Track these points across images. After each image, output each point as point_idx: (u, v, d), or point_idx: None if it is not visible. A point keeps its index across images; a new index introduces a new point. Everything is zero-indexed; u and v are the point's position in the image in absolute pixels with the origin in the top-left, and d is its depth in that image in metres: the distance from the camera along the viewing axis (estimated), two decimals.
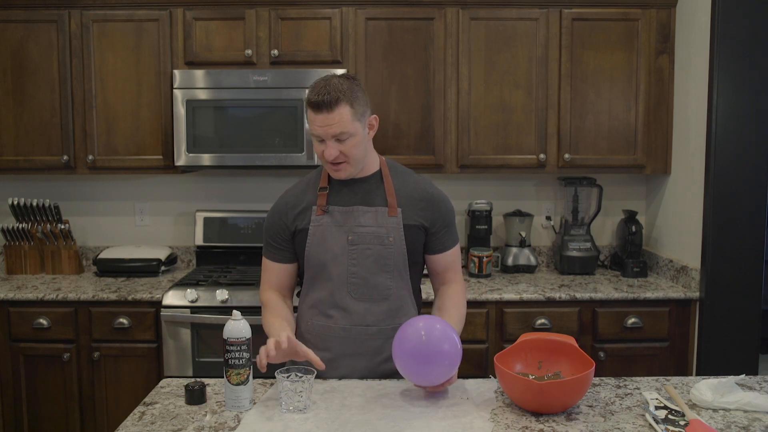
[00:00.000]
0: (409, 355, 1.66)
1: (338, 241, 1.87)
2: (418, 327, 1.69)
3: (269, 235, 1.96)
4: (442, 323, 1.72)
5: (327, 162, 1.84)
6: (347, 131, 1.78)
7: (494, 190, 3.56)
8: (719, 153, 2.85)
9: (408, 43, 3.15)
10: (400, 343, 1.69)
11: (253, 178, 3.56)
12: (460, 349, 1.70)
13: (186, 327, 2.90)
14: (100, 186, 3.57)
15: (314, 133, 1.80)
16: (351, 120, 1.78)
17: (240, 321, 1.67)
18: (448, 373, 1.67)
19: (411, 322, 1.73)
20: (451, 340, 1.68)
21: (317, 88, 1.78)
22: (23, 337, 2.95)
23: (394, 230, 1.88)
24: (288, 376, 1.65)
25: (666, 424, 1.55)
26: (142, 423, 1.59)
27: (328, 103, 1.75)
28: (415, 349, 1.65)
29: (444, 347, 1.66)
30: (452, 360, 1.67)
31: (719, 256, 2.86)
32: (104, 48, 3.16)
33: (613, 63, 3.18)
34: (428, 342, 1.65)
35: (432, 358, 1.64)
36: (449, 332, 1.70)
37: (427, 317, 1.75)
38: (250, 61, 3.14)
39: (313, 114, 1.78)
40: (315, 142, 1.84)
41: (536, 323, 2.94)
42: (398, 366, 1.70)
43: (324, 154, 1.81)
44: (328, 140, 1.79)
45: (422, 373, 1.67)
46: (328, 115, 1.76)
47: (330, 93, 1.75)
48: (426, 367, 1.65)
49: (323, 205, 1.89)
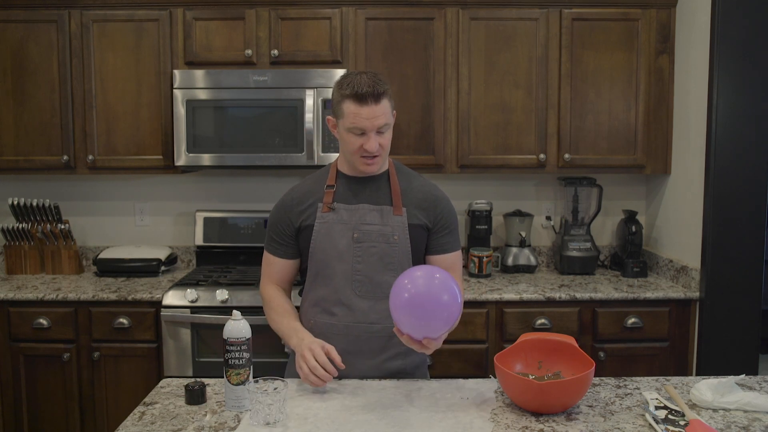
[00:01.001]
0: (407, 304, 1.60)
1: (343, 238, 1.88)
2: (415, 275, 1.64)
3: (273, 229, 1.96)
4: (441, 272, 1.66)
5: (363, 157, 1.83)
6: (389, 123, 1.83)
7: (494, 190, 3.56)
8: (719, 153, 2.85)
9: (408, 43, 3.15)
10: (398, 291, 1.63)
11: (253, 178, 3.56)
12: (461, 303, 1.64)
13: (186, 327, 2.90)
14: (100, 186, 3.57)
15: (358, 126, 1.79)
16: (390, 112, 1.83)
17: (240, 321, 1.67)
18: (444, 325, 1.62)
19: (409, 271, 1.68)
20: (451, 291, 1.62)
21: (359, 82, 1.78)
22: (23, 337, 2.95)
23: (399, 229, 1.88)
24: (259, 387, 1.59)
25: (666, 424, 1.55)
26: (142, 423, 1.59)
27: (375, 95, 1.77)
28: (413, 298, 1.60)
29: (443, 298, 1.60)
30: (451, 312, 1.62)
31: (719, 256, 2.86)
32: (104, 48, 3.16)
33: (613, 63, 3.18)
34: (428, 291, 1.60)
35: (430, 308, 1.59)
36: (449, 283, 1.64)
37: (426, 266, 1.70)
38: (250, 61, 3.15)
39: (356, 107, 1.78)
40: (350, 137, 1.82)
41: (536, 323, 2.94)
42: (394, 315, 1.64)
43: (366, 146, 1.81)
44: (370, 132, 1.80)
45: (419, 323, 1.61)
46: (375, 107, 1.78)
47: (376, 85, 1.78)
48: (423, 316, 1.60)
49: (329, 203, 1.90)
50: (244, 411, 1.64)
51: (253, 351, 1.70)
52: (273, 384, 1.60)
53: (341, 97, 1.81)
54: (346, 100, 1.79)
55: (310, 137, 3.05)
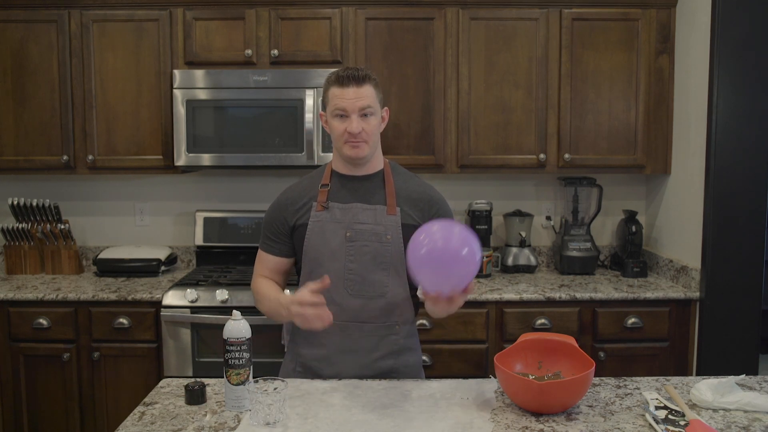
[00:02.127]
0: (426, 258, 1.58)
1: (336, 237, 1.88)
2: (432, 230, 1.62)
3: (267, 228, 1.98)
4: (460, 226, 1.64)
5: (347, 140, 1.84)
6: (373, 106, 1.85)
7: (494, 190, 3.56)
8: (719, 153, 2.85)
9: (408, 43, 3.15)
10: (415, 246, 1.60)
11: (253, 178, 3.56)
12: (479, 257, 1.60)
13: (186, 327, 2.90)
14: (100, 186, 3.57)
15: (339, 107, 1.82)
16: (375, 98, 1.86)
17: (240, 321, 1.67)
18: (467, 275, 1.60)
19: (425, 226, 1.65)
20: (470, 243, 1.59)
21: (343, 69, 1.85)
22: (23, 337, 2.95)
23: (393, 229, 1.88)
24: (259, 387, 1.59)
25: (666, 424, 1.55)
26: (142, 423, 1.59)
27: (357, 78, 1.82)
28: (433, 252, 1.57)
29: (463, 252, 1.57)
30: (470, 262, 1.58)
31: (719, 256, 2.86)
32: (104, 48, 3.16)
33: (613, 63, 3.18)
34: (445, 246, 1.57)
35: (451, 261, 1.57)
36: (467, 236, 1.61)
37: (443, 221, 1.69)
38: (250, 61, 3.15)
39: (339, 89, 1.82)
40: (335, 122, 1.85)
41: (536, 323, 2.94)
42: (413, 272, 1.62)
43: (348, 128, 1.82)
44: (353, 114, 1.82)
45: (439, 279, 1.59)
46: (356, 89, 1.82)
47: (358, 71, 1.84)
48: (445, 268, 1.57)
49: (323, 201, 1.90)
50: (244, 411, 1.64)
51: (253, 351, 1.70)
52: (273, 384, 1.60)
53: (327, 85, 1.87)
54: (330, 86, 1.85)
55: (310, 137, 3.05)
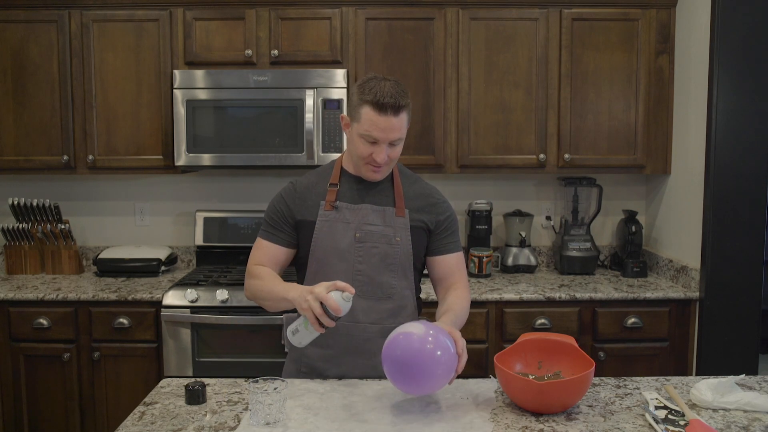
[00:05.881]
0: (399, 375, 1.59)
1: (345, 237, 1.88)
2: (397, 345, 1.60)
3: (270, 216, 1.95)
4: (437, 333, 1.60)
5: (369, 163, 1.83)
6: (402, 137, 1.81)
7: (494, 190, 3.56)
8: (719, 153, 2.85)
9: (408, 43, 3.15)
10: (390, 360, 1.60)
11: (253, 178, 3.56)
12: (455, 355, 1.60)
13: (186, 327, 2.90)
14: (100, 186, 3.57)
15: (371, 135, 1.77)
16: (406, 125, 1.82)
17: (349, 303, 1.64)
18: (442, 383, 1.61)
19: (392, 341, 1.62)
20: (444, 346, 1.59)
21: (381, 90, 1.75)
22: (23, 337, 2.95)
23: (402, 231, 1.89)
24: (259, 387, 1.58)
25: (666, 424, 1.55)
26: (142, 423, 1.59)
27: (396, 107, 1.75)
28: (404, 367, 1.57)
29: (436, 370, 1.57)
30: (448, 366, 1.59)
31: (719, 256, 2.86)
32: (104, 48, 3.16)
33: (613, 63, 3.18)
34: (417, 360, 1.56)
35: (423, 375, 1.57)
36: (442, 340, 1.60)
37: (414, 328, 1.62)
38: (250, 61, 3.15)
39: (375, 115, 1.75)
40: (361, 143, 1.80)
41: (536, 323, 2.94)
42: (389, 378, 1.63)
43: (375, 156, 1.80)
44: (383, 144, 1.79)
45: (415, 387, 1.60)
46: (393, 119, 1.76)
47: (399, 97, 1.75)
48: (418, 382, 1.58)
49: (333, 201, 1.90)
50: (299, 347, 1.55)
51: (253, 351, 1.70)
52: (273, 384, 1.60)
53: (361, 101, 1.78)
54: (366, 105, 1.76)
55: (310, 137, 3.05)
